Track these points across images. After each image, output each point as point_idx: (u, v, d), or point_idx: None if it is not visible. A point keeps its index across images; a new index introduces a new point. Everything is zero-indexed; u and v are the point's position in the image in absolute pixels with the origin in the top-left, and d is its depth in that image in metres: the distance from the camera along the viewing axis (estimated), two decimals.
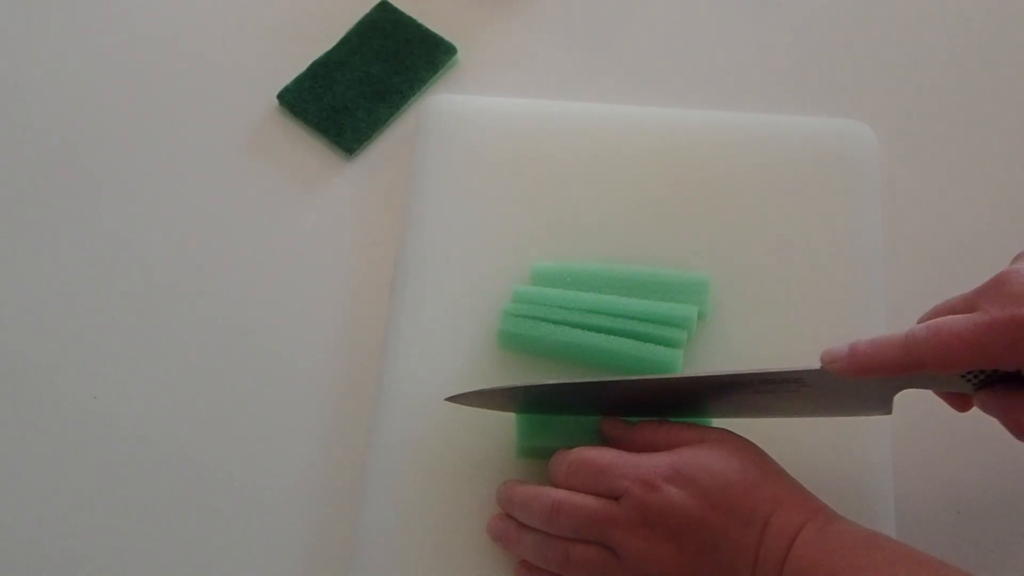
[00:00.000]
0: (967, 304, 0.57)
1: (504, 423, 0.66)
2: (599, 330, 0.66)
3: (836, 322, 0.69)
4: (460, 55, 0.80)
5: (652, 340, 0.66)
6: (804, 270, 0.71)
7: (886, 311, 0.69)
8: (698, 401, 0.63)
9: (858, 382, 0.58)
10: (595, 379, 0.62)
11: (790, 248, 0.71)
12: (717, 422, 0.64)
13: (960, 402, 0.61)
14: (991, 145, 0.77)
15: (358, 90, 0.78)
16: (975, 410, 0.60)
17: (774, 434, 0.62)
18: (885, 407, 0.61)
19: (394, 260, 0.72)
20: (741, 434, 0.61)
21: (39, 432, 0.69)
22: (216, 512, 0.67)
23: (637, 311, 0.67)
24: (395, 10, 0.81)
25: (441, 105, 0.76)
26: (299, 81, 0.79)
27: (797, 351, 0.67)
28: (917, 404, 0.63)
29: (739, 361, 0.68)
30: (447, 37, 0.80)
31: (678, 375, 0.64)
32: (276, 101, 0.78)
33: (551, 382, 0.63)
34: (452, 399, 0.64)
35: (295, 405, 0.69)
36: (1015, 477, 0.66)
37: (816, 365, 0.58)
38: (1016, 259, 0.58)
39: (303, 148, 0.78)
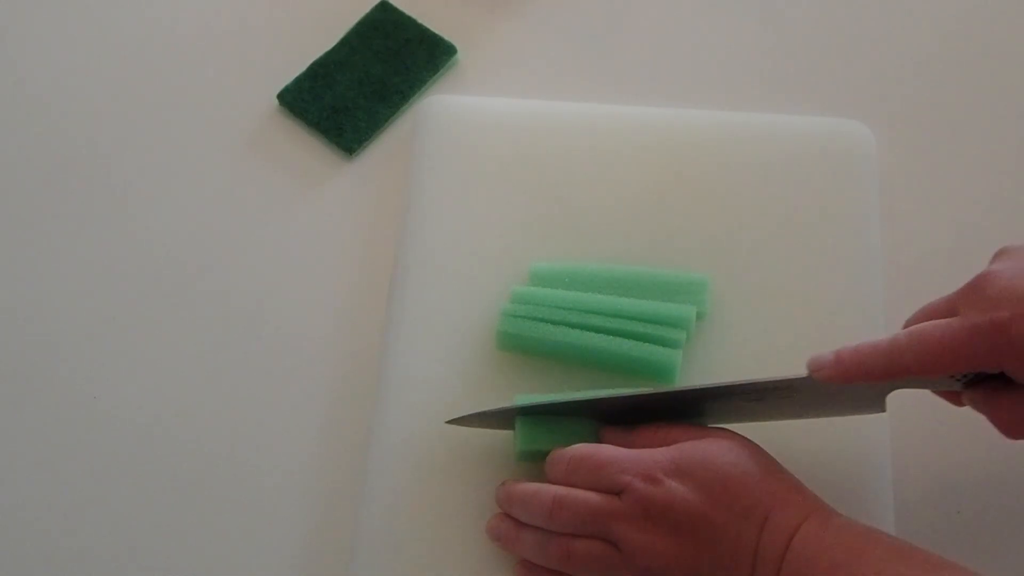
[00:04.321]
0: (948, 307, 0.58)
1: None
2: (598, 331, 0.66)
3: (835, 321, 0.69)
4: (460, 55, 0.80)
5: (651, 341, 0.66)
6: (803, 269, 0.70)
7: (885, 309, 0.69)
8: (695, 409, 0.63)
9: (848, 387, 0.59)
10: (590, 395, 0.63)
11: (789, 247, 0.71)
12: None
13: (954, 397, 0.61)
14: (988, 143, 0.77)
15: (358, 90, 0.78)
16: (973, 411, 0.61)
17: (773, 434, 0.63)
18: (879, 406, 0.61)
19: (393, 260, 0.72)
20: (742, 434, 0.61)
21: (38, 431, 0.69)
22: (216, 512, 0.67)
23: (636, 311, 0.67)
24: (395, 10, 0.81)
25: (440, 105, 0.76)
26: (299, 81, 0.79)
27: (796, 350, 0.67)
28: (916, 404, 0.63)
29: (739, 361, 0.68)
30: (447, 37, 0.80)
31: (669, 388, 0.64)
32: (276, 101, 0.79)
33: (545, 401, 0.63)
34: (453, 421, 0.64)
35: (294, 405, 0.69)
36: (1015, 477, 0.66)
37: (804, 372, 0.59)
38: (994, 258, 0.59)
39: (303, 148, 0.78)
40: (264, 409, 0.69)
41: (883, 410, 0.62)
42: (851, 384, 0.58)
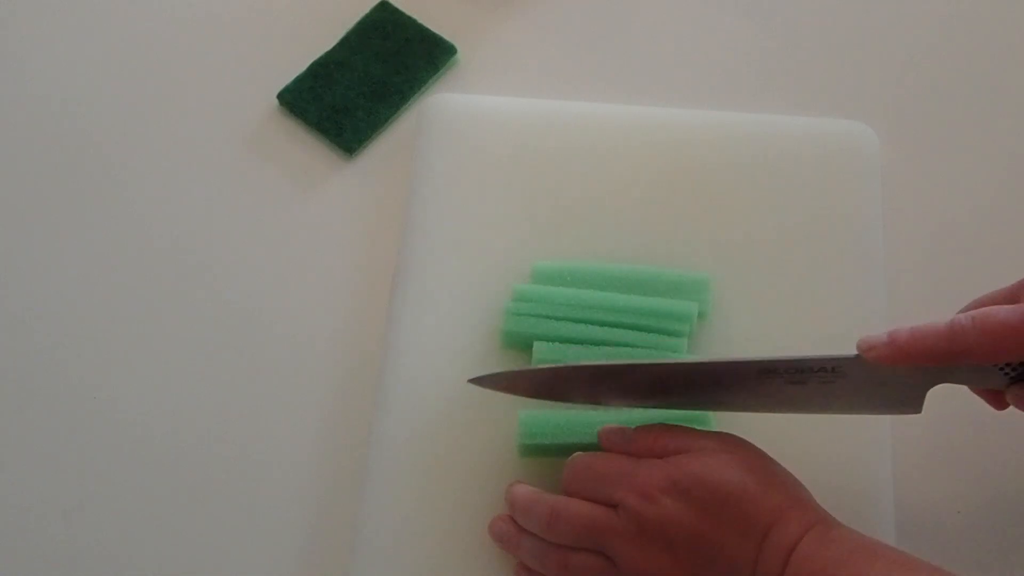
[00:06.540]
0: (1010, 296, 0.57)
1: (505, 421, 0.66)
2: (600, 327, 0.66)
3: (837, 322, 0.69)
4: (460, 55, 0.80)
5: (654, 332, 0.66)
6: (805, 269, 0.71)
7: (887, 309, 0.69)
8: (721, 391, 0.61)
9: (892, 377, 0.57)
10: (615, 363, 0.62)
11: (792, 248, 0.71)
12: (732, 418, 0.63)
13: (995, 399, 0.60)
14: (991, 144, 0.77)
15: (358, 90, 0.78)
16: (973, 411, 0.61)
17: (774, 434, 0.62)
18: (916, 405, 0.59)
19: (395, 260, 0.72)
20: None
21: (38, 429, 0.69)
22: (216, 511, 0.67)
23: (638, 308, 0.67)
24: (395, 10, 0.81)
25: (441, 104, 0.76)
26: (299, 81, 0.79)
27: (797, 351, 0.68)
28: None
29: None
30: (447, 37, 0.80)
31: (708, 359, 0.62)
32: (276, 101, 0.78)
33: (572, 365, 0.62)
34: (473, 381, 0.63)
35: (296, 405, 0.69)
36: (1015, 478, 0.66)
37: (851, 352, 0.57)
38: None
39: (303, 148, 0.78)
40: (264, 408, 0.69)
41: (919, 410, 0.59)
42: (897, 373, 0.56)
